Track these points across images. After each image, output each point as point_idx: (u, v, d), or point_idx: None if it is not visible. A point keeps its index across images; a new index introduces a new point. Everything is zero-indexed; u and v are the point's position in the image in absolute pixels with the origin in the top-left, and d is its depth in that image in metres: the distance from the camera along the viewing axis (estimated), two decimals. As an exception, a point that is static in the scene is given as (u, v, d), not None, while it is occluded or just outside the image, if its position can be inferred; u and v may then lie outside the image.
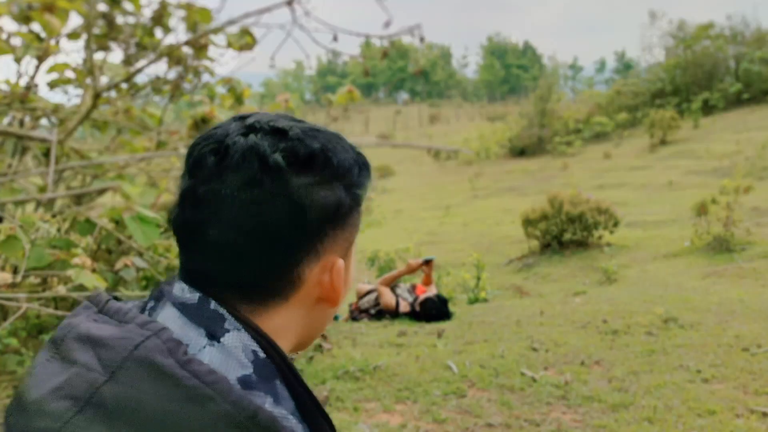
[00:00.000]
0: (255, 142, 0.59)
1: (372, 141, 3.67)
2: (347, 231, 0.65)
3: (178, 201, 0.62)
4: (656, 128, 18.92)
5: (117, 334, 0.56)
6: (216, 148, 0.59)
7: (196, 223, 0.60)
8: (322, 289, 0.64)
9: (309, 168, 0.60)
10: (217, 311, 0.59)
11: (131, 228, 2.10)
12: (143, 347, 0.54)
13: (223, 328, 0.58)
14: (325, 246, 0.62)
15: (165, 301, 0.61)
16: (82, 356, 0.55)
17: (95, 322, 0.59)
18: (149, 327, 0.56)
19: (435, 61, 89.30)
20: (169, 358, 0.53)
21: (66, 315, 0.65)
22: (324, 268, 0.63)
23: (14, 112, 2.86)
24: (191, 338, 0.57)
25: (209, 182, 0.59)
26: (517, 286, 7.96)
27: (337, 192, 0.62)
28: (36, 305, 2.55)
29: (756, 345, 4.21)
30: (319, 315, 0.67)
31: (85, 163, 2.22)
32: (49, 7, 2.62)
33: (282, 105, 3.19)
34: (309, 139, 0.61)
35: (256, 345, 0.58)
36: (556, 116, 24.22)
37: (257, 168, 0.58)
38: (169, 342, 0.54)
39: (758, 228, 8.79)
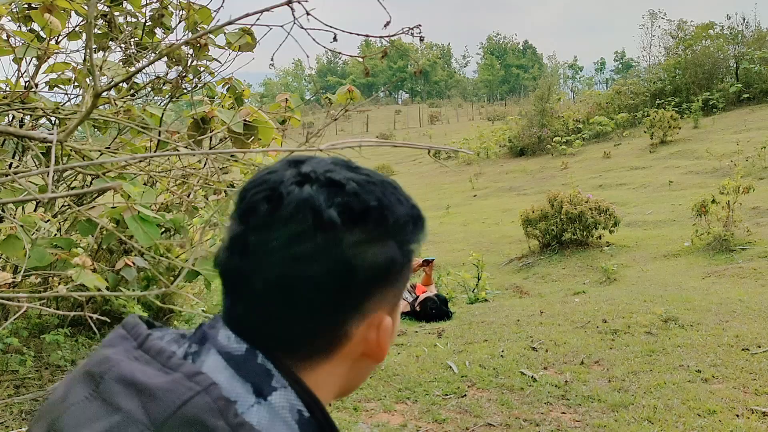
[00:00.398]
0: (310, 194, 0.57)
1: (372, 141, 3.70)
2: (396, 287, 0.63)
3: (227, 246, 0.60)
4: (656, 128, 18.92)
5: (164, 384, 0.54)
6: (269, 195, 0.58)
7: (243, 272, 0.58)
8: (368, 346, 0.62)
9: (363, 224, 0.58)
10: (264, 366, 0.57)
11: (132, 228, 2.10)
12: (192, 404, 0.52)
13: (271, 385, 0.57)
14: (373, 304, 0.61)
15: (209, 347, 0.59)
16: (127, 403, 0.54)
17: (137, 362, 0.57)
18: (198, 380, 0.54)
19: (435, 61, 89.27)
20: (220, 419, 0.52)
21: (67, 314, 0.64)
22: (370, 324, 0.61)
23: (14, 112, 2.86)
24: (239, 395, 0.55)
25: (260, 231, 0.57)
26: (517, 286, 7.97)
27: (390, 250, 0.60)
28: (37, 305, 2.55)
29: (756, 345, 4.21)
30: (362, 370, 0.66)
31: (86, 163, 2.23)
32: (49, 7, 2.62)
33: (282, 105, 3.19)
34: (366, 193, 0.59)
35: (301, 404, 0.57)
36: (556, 116, 24.22)
37: (310, 223, 0.56)
38: (219, 401, 0.53)
39: (758, 228, 8.80)
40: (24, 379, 3.62)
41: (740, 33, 25.26)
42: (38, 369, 3.77)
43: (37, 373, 3.71)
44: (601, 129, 22.94)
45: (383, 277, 0.60)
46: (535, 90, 26.94)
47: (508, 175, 20.60)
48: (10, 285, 2.31)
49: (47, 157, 2.72)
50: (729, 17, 27.03)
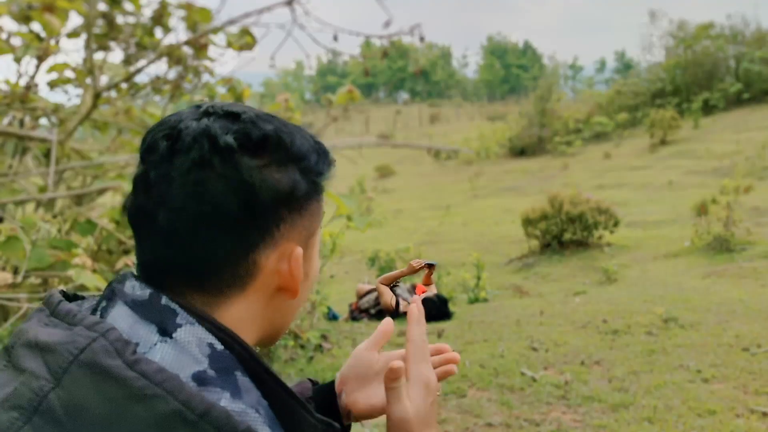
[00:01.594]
0: (207, 124, 0.58)
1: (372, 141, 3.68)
2: (306, 218, 0.63)
3: (132, 188, 0.60)
4: (656, 128, 18.92)
5: (64, 338, 0.54)
6: (169, 133, 0.58)
7: (147, 208, 0.58)
8: (281, 278, 0.62)
9: (262, 150, 0.58)
10: (169, 306, 0.57)
11: (131, 228, 2.11)
12: (89, 350, 0.52)
13: (175, 323, 0.56)
14: (282, 232, 0.60)
15: (116, 299, 0.59)
16: (30, 363, 0.54)
17: (45, 327, 0.57)
18: (96, 328, 0.54)
19: (435, 61, 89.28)
20: (117, 359, 0.51)
21: None
22: (282, 255, 0.61)
23: (14, 112, 2.86)
24: (141, 336, 0.55)
25: (160, 166, 0.57)
26: (517, 286, 7.97)
27: (292, 175, 0.60)
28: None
29: (756, 345, 4.21)
30: (281, 307, 0.65)
31: (86, 163, 2.22)
32: (49, 7, 2.62)
33: (282, 105, 3.19)
34: (262, 122, 0.60)
35: (212, 338, 0.56)
36: (556, 116, 24.21)
37: (207, 149, 0.56)
38: (116, 342, 0.52)
39: (758, 228, 8.79)
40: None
41: (740, 33, 25.25)
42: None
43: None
44: (601, 129, 22.95)
45: (288, 201, 0.60)
46: (536, 90, 26.93)
47: (508, 175, 20.60)
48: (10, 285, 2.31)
49: (47, 157, 2.72)
50: (729, 17, 27.03)
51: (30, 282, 3.52)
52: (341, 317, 6.29)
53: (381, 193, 20.60)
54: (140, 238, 0.60)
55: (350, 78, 70.43)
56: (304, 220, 0.62)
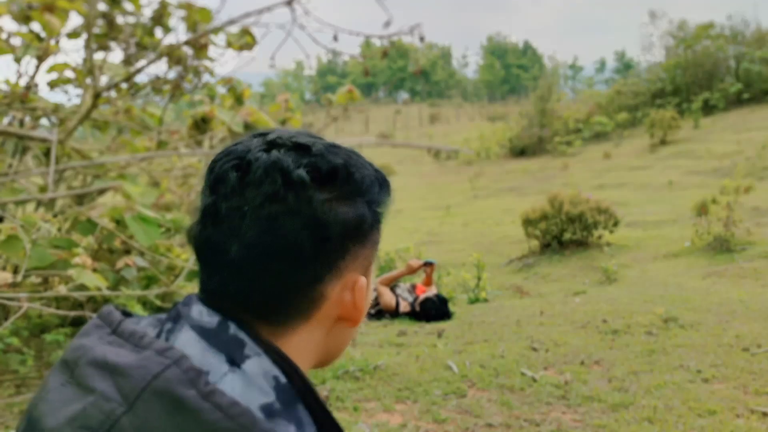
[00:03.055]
0: (278, 157, 0.58)
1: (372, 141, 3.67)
2: (368, 248, 0.64)
3: (199, 218, 0.60)
4: (656, 128, 18.92)
5: (135, 362, 0.55)
6: (238, 164, 0.59)
7: (217, 240, 0.58)
8: (343, 308, 0.63)
9: (331, 183, 0.59)
10: (237, 336, 0.58)
11: (132, 228, 2.11)
12: (163, 377, 0.53)
13: (243, 354, 0.57)
14: (347, 263, 0.61)
15: (182, 323, 0.59)
16: (100, 384, 0.54)
17: (110, 346, 0.58)
18: (168, 354, 0.54)
19: (435, 61, 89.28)
20: (191, 389, 0.52)
21: (68, 314, 0.65)
22: (345, 286, 0.62)
23: (14, 112, 2.86)
24: (212, 365, 0.56)
25: (231, 198, 0.58)
26: (517, 286, 7.97)
27: (359, 208, 0.61)
28: (37, 305, 2.55)
29: (756, 345, 4.21)
30: (340, 335, 0.66)
31: (86, 163, 2.22)
32: (49, 7, 2.62)
33: (282, 105, 3.19)
34: (331, 155, 0.60)
35: (277, 370, 0.57)
36: (556, 116, 24.22)
37: (280, 183, 0.57)
38: (189, 372, 0.53)
39: (758, 228, 8.80)
40: (25, 378, 3.62)
41: (740, 33, 25.25)
42: (39, 369, 3.77)
43: (37, 372, 3.72)
44: (601, 129, 22.95)
45: (355, 234, 0.61)
46: (536, 90, 26.93)
47: (508, 175, 20.60)
48: (11, 285, 2.31)
49: (47, 157, 2.72)
50: (729, 17, 27.03)
51: (30, 281, 3.52)
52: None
53: (381, 193, 20.56)
54: (207, 266, 0.61)
55: (350, 78, 70.45)
56: (366, 250, 0.64)
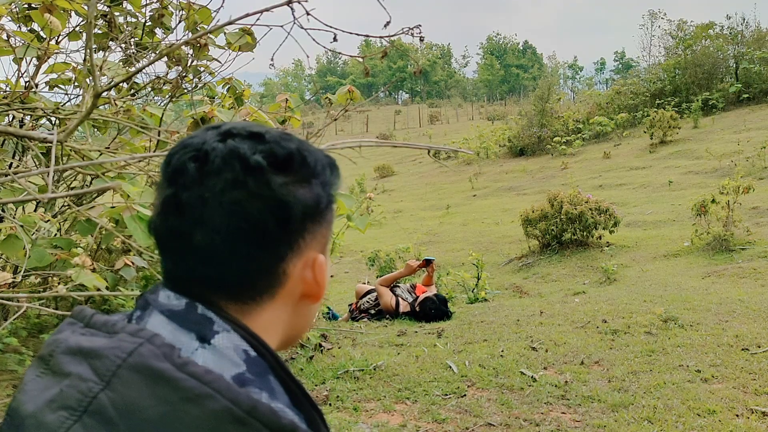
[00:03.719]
0: (234, 146, 0.60)
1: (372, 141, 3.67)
2: (324, 227, 0.67)
3: (159, 209, 0.62)
4: (656, 128, 18.91)
5: (109, 344, 0.56)
6: (195, 155, 0.60)
7: (181, 229, 0.60)
8: (305, 285, 0.66)
9: (288, 167, 0.62)
10: (205, 315, 0.60)
11: (131, 228, 2.11)
12: (137, 353, 0.54)
13: (213, 330, 0.59)
14: (307, 242, 0.64)
15: (151, 309, 0.62)
16: (75, 368, 0.56)
17: (84, 336, 0.60)
18: (140, 335, 0.57)
19: (435, 61, 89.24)
20: (165, 362, 0.54)
21: (66, 314, 0.66)
22: (306, 264, 0.65)
23: (14, 112, 2.86)
24: (183, 343, 0.58)
25: (191, 188, 0.59)
26: (517, 286, 7.97)
27: (315, 189, 0.64)
28: (36, 305, 2.55)
29: (756, 345, 4.22)
30: (303, 311, 0.69)
31: (86, 163, 2.23)
32: (49, 7, 2.62)
33: (282, 105, 3.19)
34: (285, 141, 0.63)
35: (246, 344, 0.60)
36: (555, 116, 24.21)
37: (239, 169, 0.59)
38: (163, 347, 0.55)
39: (758, 228, 8.80)
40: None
41: (740, 33, 25.24)
42: (38, 369, 3.77)
43: (36, 373, 3.72)
44: (601, 129, 22.94)
45: (313, 214, 0.64)
46: (535, 90, 26.93)
47: (507, 175, 20.60)
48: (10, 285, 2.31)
49: (47, 157, 2.72)
50: (729, 17, 27.02)
51: (30, 281, 3.52)
52: (341, 317, 6.29)
53: (381, 193, 20.60)
54: (172, 254, 0.63)
55: (350, 78, 70.39)
56: (323, 229, 0.67)
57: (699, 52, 24.47)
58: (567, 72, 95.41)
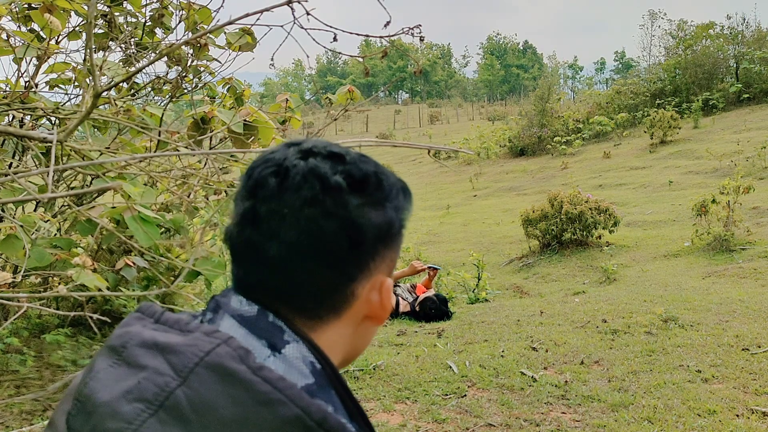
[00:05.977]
0: (315, 164, 0.62)
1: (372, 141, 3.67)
2: (393, 251, 0.68)
3: (237, 220, 0.63)
4: (656, 128, 18.90)
5: (185, 341, 0.58)
6: (276, 170, 0.62)
7: (257, 240, 0.61)
8: (371, 307, 0.67)
9: (364, 189, 0.63)
10: (276, 323, 0.61)
11: (132, 228, 2.10)
12: (214, 353, 0.56)
13: (283, 339, 0.61)
14: (377, 264, 0.65)
15: (222, 313, 0.63)
16: (151, 361, 0.57)
17: (156, 331, 0.61)
18: (216, 336, 0.58)
19: (435, 61, 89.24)
20: (242, 364, 0.55)
21: (67, 314, 0.66)
22: (373, 286, 0.66)
23: (14, 112, 2.86)
24: (255, 348, 0.59)
25: (270, 202, 0.61)
26: (517, 286, 7.97)
27: (388, 213, 0.65)
28: (37, 305, 2.55)
29: (756, 345, 4.22)
30: (365, 333, 0.70)
31: (86, 163, 2.23)
32: (49, 7, 2.62)
33: (282, 105, 3.18)
34: (363, 163, 0.65)
35: (313, 357, 0.61)
36: (556, 116, 24.21)
37: (318, 188, 0.60)
38: (239, 349, 0.56)
39: (758, 228, 8.79)
40: (24, 379, 3.62)
41: (740, 33, 25.24)
42: (39, 369, 3.77)
43: (37, 373, 3.71)
44: (601, 129, 22.94)
45: (384, 237, 0.65)
46: (535, 90, 26.92)
47: (508, 175, 20.60)
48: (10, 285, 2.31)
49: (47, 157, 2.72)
50: (729, 17, 27.03)
51: (30, 281, 3.52)
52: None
53: (381, 193, 20.56)
54: (245, 264, 0.64)
55: (350, 78, 70.39)
56: (392, 253, 0.68)
57: (699, 52, 24.47)
58: (567, 72, 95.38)
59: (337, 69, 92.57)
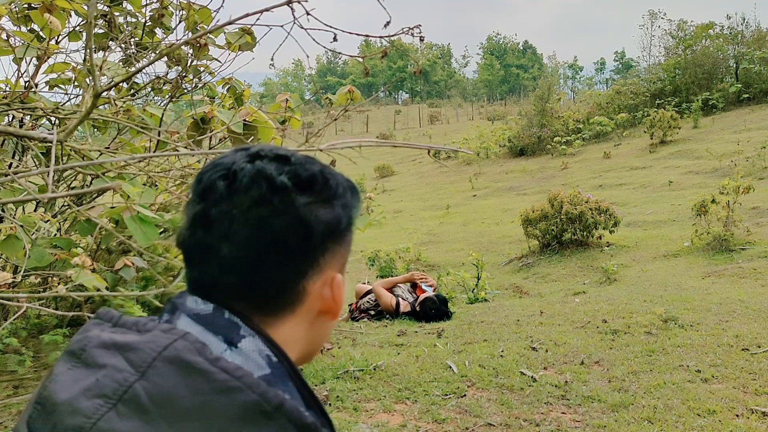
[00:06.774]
0: (262, 166, 0.64)
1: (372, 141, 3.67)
2: (344, 248, 0.71)
3: (188, 223, 0.66)
4: (656, 128, 18.91)
5: (143, 338, 0.60)
6: (225, 173, 0.64)
7: (208, 242, 0.64)
8: (324, 303, 0.69)
9: (311, 188, 0.65)
10: (231, 319, 0.63)
11: (131, 228, 2.10)
12: (172, 347, 0.58)
13: (239, 334, 0.63)
14: (327, 261, 0.68)
15: (179, 313, 0.65)
16: (110, 360, 0.59)
17: (114, 333, 0.62)
18: (173, 332, 0.60)
19: (435, 61, 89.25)
20: (199, 356, 0.57)
21: (66, 314, 0.67)
22: (325, 282, 0.69)
23: (14, 112, 2.86)
24: (211, 343, 0.61)
25: (220, 204, 0.63)
26: (517, 286, 7.97)
27: (336, 210, 0.67)
28: (36, 305, 2.55)
29: (756, 345, 4.22)
30: (321, 328, 0.72)
31: (86, 163, 2.22)
32: (49, 7, 2.62)
33: (282, 105, 3.18)
34: (308, 164, 0.67)
35: (269, 351, 0.63)
36: (555, 116, 24.21)
37: (265, 189, 0.63)
38: (196, 343, 0.58)
39: (758, 228, 8.79)
40: (22, 379, 3.62)
41: (740, 33, 25.24)
42: (37, 369, 3.77)
43: (35, 373, 3.71)
44: (601, 129, 22.94)
45: (333, 234, 0.67)
46: (535, 90, 26.93)
47: (508, 175, 20.60)
48: (10, 285, 2.31)
49: (47, 157, 2.72)
50: (729, 17, 27.04)
51: (30, 281, 3.52)
52: (341, 317, 6.29)
53: (381, 193, 20.61)
54: (199, 265, 0.66)
55: (350, 78, 70.40)
56: (343, 249, 0.71)
57: (699, 52, 24.47)
58: (567, 72, 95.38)
59: (337, 69, 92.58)
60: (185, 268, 0.68)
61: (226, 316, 0.63)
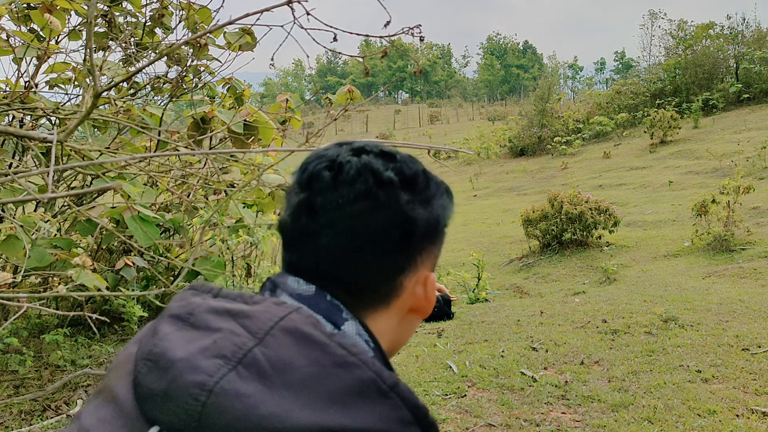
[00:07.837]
0: (368, 160, 0.65)
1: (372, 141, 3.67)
2: (437, 248, 0.71)
3: (291, 210, 0.66)
4: (656, 128, 18.91)
5: (257, 308, 0.60)
6: (330, 165, 0.65)
7: (311, 230, 0.64)
8: (416, 300, 0.70)
9: (414, 187, 0.66)
10: (333, 302, 0.64)
11: (132, 228, 2.10)
12: (288, 319, 0.58)
13: (342, 317, 0.64)
14: (423, 259, 0.68)
15: (280, 291, 0.66)
16: (225, 324, 0.59)
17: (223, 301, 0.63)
18: (286, 306, 0.60)
19: (435, 61, 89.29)
20: (316, 330, 0.58)
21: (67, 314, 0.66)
22: (418, 280, 0.69)
23: (14, 112, 2.86)
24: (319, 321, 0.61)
25: (326, 193, 0.64)
26: (517, 286, 7.97)
27: (436, 210, 0.69)
28: (37, 305, 2.55)
29: (756, 345, 4.21)
30: (408, 325, 0.73)
31: (86, 163, 2.22)
32: (49, 7, 2.62)
33: (282, 105, 3.18)
34: (412, 162, 0.68)
35: (367, 335, 0.65)
36: (556, 116, 24.22)
37: (372, 182, 0.64)
38: (310, 317, 0.59)
39: (758, 228, 8.79)
40: (24, 379, 3.62)
41: (740, 33, 25.25)
42: (38, 369, 3.77)
43: (36, 373, 3.71)
44: (601, 129, 22.94)
45: (431, 233, 0.68)
46: (535, 90, 26.94)
47: (508, 175, 20.61)
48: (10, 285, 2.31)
49: (47, 157, 2.72)
50: (729, 17, 27.03)
51: (30, 281, 3.52)
52: None
53: (381, 193, 20.58)
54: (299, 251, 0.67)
55: (350, 78, 70.43)
56: (436, 250, 0.71)
57: (699, 52, 24.47)
58: (567, 72, 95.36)
59: (337, 69, 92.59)
60: (283, 252, 0.68)
61: (328, 298, 0.64)
